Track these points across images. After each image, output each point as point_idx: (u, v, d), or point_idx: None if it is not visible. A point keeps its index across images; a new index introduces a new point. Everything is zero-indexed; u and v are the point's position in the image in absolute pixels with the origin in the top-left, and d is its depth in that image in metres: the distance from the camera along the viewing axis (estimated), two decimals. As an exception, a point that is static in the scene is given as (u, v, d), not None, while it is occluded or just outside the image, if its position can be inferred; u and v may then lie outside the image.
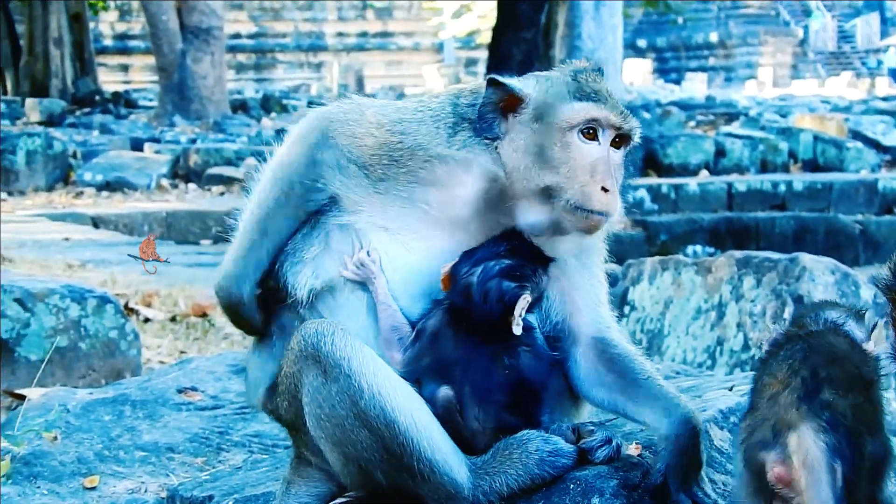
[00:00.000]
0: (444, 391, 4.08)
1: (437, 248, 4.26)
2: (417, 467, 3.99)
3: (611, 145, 4.23)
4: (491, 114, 4.27)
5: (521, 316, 4.10)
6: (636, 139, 4.31)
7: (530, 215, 4.24)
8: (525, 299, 4.11)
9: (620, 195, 4.24)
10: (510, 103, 4.28)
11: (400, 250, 4.27)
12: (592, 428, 4.15)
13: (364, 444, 4.02)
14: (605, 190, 4.14)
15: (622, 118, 4.22)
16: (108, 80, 67.36)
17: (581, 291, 4.37)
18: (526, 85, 4.31)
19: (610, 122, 4.20)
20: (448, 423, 4.07)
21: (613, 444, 4.09)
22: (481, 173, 4.24)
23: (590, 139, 4.19)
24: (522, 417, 4.13)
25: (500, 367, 4.12)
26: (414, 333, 4.18)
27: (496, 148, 4.25)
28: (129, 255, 5.33)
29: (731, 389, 4.82)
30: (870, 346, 3.81)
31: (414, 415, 4.01)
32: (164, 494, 5.47)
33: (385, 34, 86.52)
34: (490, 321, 4.12)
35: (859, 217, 25.99)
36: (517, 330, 4.11)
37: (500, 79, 4.29)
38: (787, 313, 7.87)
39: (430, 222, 4.27)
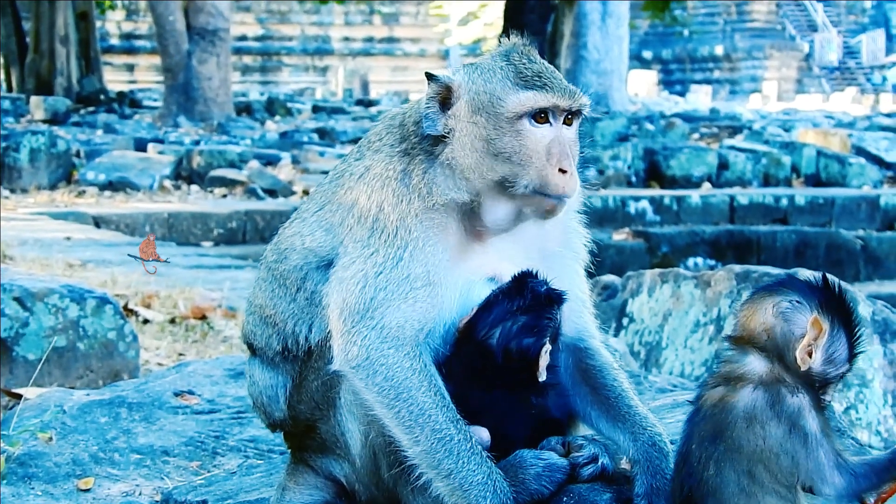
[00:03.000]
0: (482, 433, 4.08)
1: (459, 281, 4.16)
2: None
3: (562, 122, 4.14)
4: (433, 110, 4.19)
5: (545, 365, 4.10)
6: (587, 112, 4.20)
7: (492, 211, 4.16)
8: (546, 349, 4.10)
9: (578, 170, 4.18)
10: (446, 97, 4.19)
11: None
12: (582, 442, 4.12)
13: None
14: (562, 171, 4.06)
15: (571, 99, 4.12)
16: (114, 80, 67.49)
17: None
18: (458, 75, 4.21)
19: (560, 106, 4.10)
20: None
21: (599, 462, 4.06)
22: (450, 202, 4.15)
23: (541, 122, 4.10)
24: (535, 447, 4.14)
25: (527, 409, 4.14)
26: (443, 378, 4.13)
27: (450, 151, 4.15)
28: (129, 255, 5.33)
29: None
30: (810, 343, 3.58)
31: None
32: (158, 498, 5.47)
33: (391, 40, 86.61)
34: (515, 375, 4.11)
35: (860, 233, 26.03)
36: (542, 377, 4.10)
37: (433, 72, 4.21)
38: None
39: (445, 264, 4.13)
